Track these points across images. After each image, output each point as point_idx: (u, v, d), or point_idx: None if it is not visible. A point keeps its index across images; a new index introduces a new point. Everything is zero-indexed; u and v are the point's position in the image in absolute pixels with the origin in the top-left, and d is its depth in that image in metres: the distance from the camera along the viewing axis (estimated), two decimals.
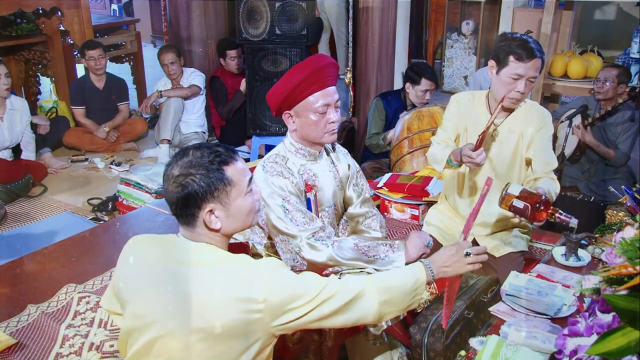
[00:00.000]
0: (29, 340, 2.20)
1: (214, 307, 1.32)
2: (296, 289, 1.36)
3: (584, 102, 3.81)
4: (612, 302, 1.07)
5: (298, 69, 1.91)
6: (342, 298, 1.40)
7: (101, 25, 5.86)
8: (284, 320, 1.35)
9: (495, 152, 2.35)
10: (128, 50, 5.83)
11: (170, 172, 1.39)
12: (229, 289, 1.33)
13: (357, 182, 2.18)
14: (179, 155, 1.41)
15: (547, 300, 1.81)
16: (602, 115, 3.72)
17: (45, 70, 5.22)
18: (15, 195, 3.77)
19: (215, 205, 1.38)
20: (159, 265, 1.42)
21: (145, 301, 1.41)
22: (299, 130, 1.96)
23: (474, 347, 1.56)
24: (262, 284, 1.33)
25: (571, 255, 2.05)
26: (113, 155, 4.70)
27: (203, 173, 1.36)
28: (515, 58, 2.16)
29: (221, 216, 1.40)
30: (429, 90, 3.92)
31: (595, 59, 4.24)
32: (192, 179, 1.35)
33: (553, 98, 4.74)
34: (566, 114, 3.76)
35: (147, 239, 1.51)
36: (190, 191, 1.35)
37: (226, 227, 1.42)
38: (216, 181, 1.37)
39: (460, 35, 6.17)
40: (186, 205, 1.37)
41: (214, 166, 1.37)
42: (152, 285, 1.41)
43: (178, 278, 1.37)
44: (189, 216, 1.39)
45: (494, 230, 2.45)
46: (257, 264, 1.39)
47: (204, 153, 1.39)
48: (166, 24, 5.48)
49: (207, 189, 1.36)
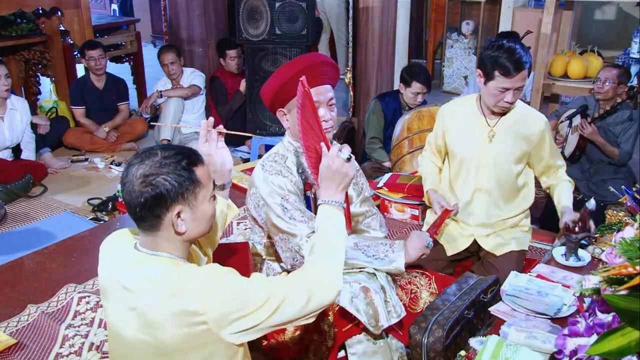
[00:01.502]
0: (29, 340, 2.20)
1: (158, 324, 1.30)
2: (239, 297, 1.29)
3: (584, 102, 3.81)
4: (612, 302, 1.07)
5: (289, 65, 1.90)
6: (298, 297, 1.32)
7: (101, 25, 5.86)
8: (235, 329, 1.30)
9: (494, 154, 2.35)
10: (128, 50, 5.84)
11: (135, 172, 1.32)
12: (168, 305, 1.29)
13: (356, 181, 2.18)
14: (145, 156, 1.35)
15: (547, 300, 1.81)
16: (601, 115, 3.72)
17: (45, 70, 5.22)
18: (15, 195, 3.77)
19: (184, 207, 1.34)
20: (113, 275, 1.40)
21: (109, 309, 1.44)
22: (292, 128, 1.96)
23: (474, 347, 1.56)
24: (198, 296, 1.28)
25: (571, 255, 2.05)
26: (113, 155, 4.70)
27: (175, 172, 1.32)
28: (500, 73, 2.16)
29: (187, 219, 1.35)
30: (420, 94, 3.91)
31: (595, 59, 4.24)
32: (164, 179, 1.30)
33: (553, 98, 4.74)
34: (566, 114, 3.76)
35: (113, 242, 1.48)
36: (161, 190, 1.30)
37: (190, 230, 1.38)
38: (187, 181, 1.33)
39: (460, 35, 6.18)
40: (154, 206, 1.31)
41: (184, 166, 1.33)
42: (110, 294, 1.42)
43: (126, 294, 1.36)
44: (154, 218, 1.33)
45: (494, 230, 2.45)
46: (197, 276, 1.31)
47: (172, 153, 1.34)
48: (166, 24, 5.48)
49: (178, 189, 1.32)
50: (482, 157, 2.36)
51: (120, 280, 1.37)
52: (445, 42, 6.23)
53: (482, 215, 2.43)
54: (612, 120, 3.69)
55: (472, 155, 2.38)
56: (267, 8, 4.07)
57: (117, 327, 1.41)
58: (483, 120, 2.35)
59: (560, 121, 3.84)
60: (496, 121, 2.34)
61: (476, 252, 2.55)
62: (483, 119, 2.35)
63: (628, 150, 3.64)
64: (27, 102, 4.34)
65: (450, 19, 6.42)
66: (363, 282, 1.88)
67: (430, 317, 1.81)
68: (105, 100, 4.85)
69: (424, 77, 3.89)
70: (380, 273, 1.98)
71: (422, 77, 3.89)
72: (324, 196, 1.49)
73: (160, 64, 4.79)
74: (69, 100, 4.92)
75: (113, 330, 1.45)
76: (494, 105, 2.26)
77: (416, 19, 6.93)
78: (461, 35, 6.16)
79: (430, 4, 6.92)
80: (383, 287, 1.94)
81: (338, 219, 1.46)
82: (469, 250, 2.51)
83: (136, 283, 1.34)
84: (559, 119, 3.91)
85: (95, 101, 4.81)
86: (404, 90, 3.94)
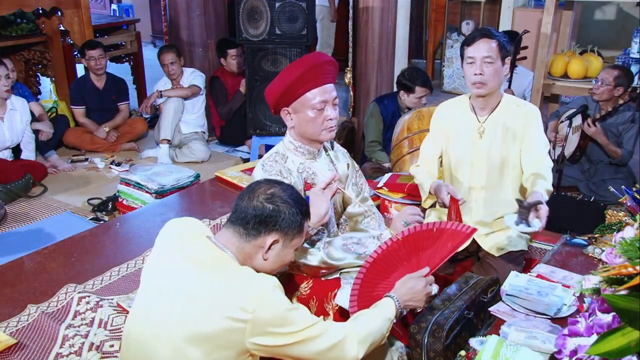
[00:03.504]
0: (29, 340, 2.20)
1: (205, 308, 1.35)
2: (286, 314, 1.38)
3: (584, 102, 3.81)
4: (612, 302, 1.07)
5: (295, 65, 1.92)
6: (327, 340, 1.42)
7: (101, 25, 5.85)
8: (263, 341, 1.37)
9: (485, 149, 2.35)
10: (128, 50, 5.83)
11: (267, 187, 1.49)
12: (223, 293, 1.35)
13: (356, 181, 2.20)
14: (280, 183, 1.54)
15: (547, 300, 1.81)
16: (602, 115, 3.72)
17: (45, 70, 5.22)
18: (15, 195, 3.77)
19: (280, 239, 1.47)
20: (174, 257, 1.46)
21: (150, 285, 1.49)
22: (296, 127, 1.97)
23: (474, 347, 1.57)
24: (255, 296, 1.35)
25: (521, 222, 2.05)
26: (113, 155, 4.70)
27: (293, 212, 1.48)
28: (466, 45, 2.29)
29: (274, 250, 1.48)
30: (424, 96, 3.91)
31: (595, 59, 4.24)
32: (286, 208, 1.46)
33: (553, 98, 4.74)
34: (566, 114, 3.76)
35: (179, 227, 1.55)
36: (277, 214, 1.45)
37: (268, 262, 1.49)
38: (296, 224, 1.49)
39: (460, 35, 6.17)
40: (263, 223, 1.45)
41: (302, 212, 1.51)
42: (162, 269, 1.47)
43: (179, 276, 1.41)
44: (253, 230, 1.45)
45: (493, 229, 2.45)
46: (258, 278, 1.40)
47: (300, 197, 1.54)
48: (166, 24, 5.48)
49: (288, 225, 1.47)
50: (474, 154, 2.37)
51: (186, 253, 1.44)
52: (445, 42, 6.22)
53: (479, 213, 2.44)
54: (613, 120, 3.69)
55: (465, 153, 2.39)
56: (267, 8, 4.07)
57: (149, 309, 1.44)
58: (473, 117, 2.38)
59: (560, 121, 3.84)
60: (486, 117, 2.36)
61: (475, 252, 2.55)
62: (473, 116, 2.38)
63: (630, 150, 3.64)
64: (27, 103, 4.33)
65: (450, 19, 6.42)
66: None
67: (430, 317, 1.81)
68: (105, 100, 4.85)
69: (423, 79, 3.89)
70: None
71: (422, 79, 3.88)
72: (397, 294, 1.65)
73: (160, 64, 4.79)
74: (69, 100, 4.92)
75: (141, 314, 1.47)
76: (471, 85, 2.29)
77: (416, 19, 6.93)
78: (461, 35, 6.15)
79: (430, 4, 6.92)
80: None
81: (392, 313, 1.62)
82: (468, 250, 2.51)
83: (202, 259, 1.42)
84: (559, 119, 3.91)
85: (95, 101, 4.80)
86: (407, 97, 3.92)
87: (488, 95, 2.31)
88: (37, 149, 4.36)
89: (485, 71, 2.24)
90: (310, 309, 1.96)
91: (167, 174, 3.73)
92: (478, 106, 2.36)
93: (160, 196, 3.52)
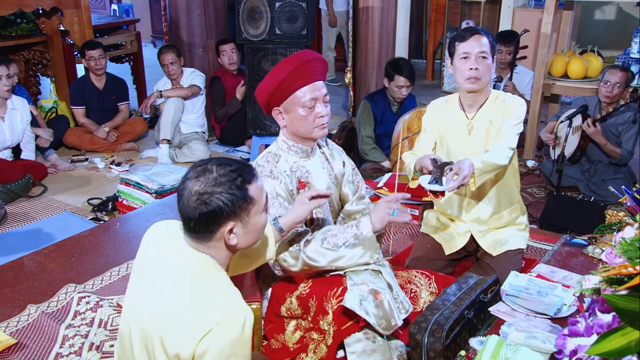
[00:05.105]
0: (29, 340, 2.20)
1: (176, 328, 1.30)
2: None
3: (584, 102, 3.81)
4: (612, 302, 1.07)
5: (284, 63, 1.92)
6: None
7: (101, 25, 5.85)
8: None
9: (475, 146, 2.35)
10: (128, 50, 5.83)
11: (191, 187, 1.36)
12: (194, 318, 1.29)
13: (352, 179, 2.20)
14: (201, 171, 1.38)
15: (547, 300, 1.81)
16: (602, 116, 3.72)
17: (45, 70, 5.22)
18: (15, 195, 3.77)
19: (236, 223, 1.39)
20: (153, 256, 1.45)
21: (134, 289, 1.46)
22: (288, 126, 1.98)
23: (474, 347, 1.56)
24: (210, 342, 1.26)
25: (434, 182, 2.07)
26: (113, 155, 4.70)
27: (229, 192, 1.35)
28: (458, 42, 2.30)
29: (239, 233, 1.40)
30: (404, 87, 3.96)
31: (595, 59, 4.24)
32: (218, 198, 1.34)
33: (553, 98, 4.74)
34: (566, 113, 3.76)
35: (160, 230, 1.52)
36: (215, 208, 1.34)
37: (241, 243, 1.43)
38: (240, 200, 1.37)
39: None
40: (207, 223, 1.36)
41: (238, 184, 1.37)
42: (145, 274, 1.44)
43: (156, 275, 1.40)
44: (205, 232, 1.38)
45: (490, 227, 2.45)
46: (223, 324, 1.29)
47: (227, 171, 1.38)
48: (166, 24, 5.48)
49: (231, 208, 1.36)
50: (465, 151, 2.37)
51: (158, 263, 1.41)
52: (445, 42, 6.22)
53: (474, 210, 2.43)
54: (613, 120, 3.70)
55: (456, 150, 2.39)
56: (267, 8, 4.07)
57: (131, 310, 1.43)
58: (462, 114, 2.39)
59: (560, 121, 3.84)
60: (474, 114, 2.36)
61: (474, 252, 2.55)
62: (462, 113, 2.39)
63: (630, 150, 3.64)
64: (27, 102, 4.33)
65: (450, 19, 6.43)
66: (370, 284, 1.89)
67: (430, 317, 1.81)
68: (105, 100, 4.85)
69: (407, 71, 3.93)
70: (384, 269, 1.99)
71: (406, 71, 3.92)
72: None
73: (160, 64, 4.79)
74: (69, 100, 4.92)
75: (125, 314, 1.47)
76: (465, 80, 2.28)
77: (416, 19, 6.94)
78: None
79: (430, 4, 6.92)
80: (390, 284, 1.94)
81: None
82: (467, 249, 2.51)
83: (180, 271, 1.38)
84: (557, 120, 3.91)
85: (95, 101, 4.80)
86: (389, 85, 4.00)
87: (479, 91, 2.32)
88: (37, 148, 4.37)
89: (480, 66, 2.25)
90: (310, 309, 1.96)
91: (167, 174, 3.74)
92: (467, 103, 2.37)
93: (160, 196, 3.52)
